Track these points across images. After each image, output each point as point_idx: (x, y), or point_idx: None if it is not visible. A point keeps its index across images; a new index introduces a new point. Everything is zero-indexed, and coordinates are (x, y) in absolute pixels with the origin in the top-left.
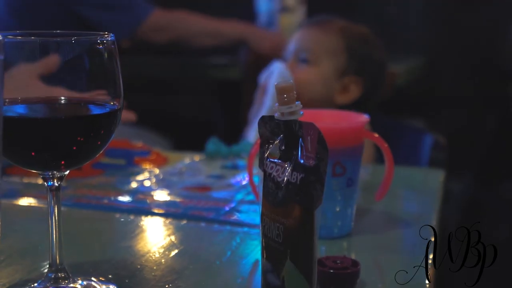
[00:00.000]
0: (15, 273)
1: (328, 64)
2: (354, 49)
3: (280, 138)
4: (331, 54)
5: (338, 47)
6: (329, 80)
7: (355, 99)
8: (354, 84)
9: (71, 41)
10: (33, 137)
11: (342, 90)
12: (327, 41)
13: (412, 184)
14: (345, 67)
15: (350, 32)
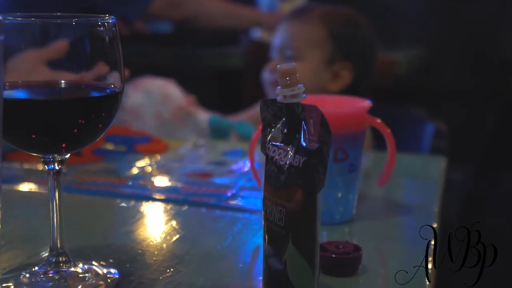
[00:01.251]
0: (15, 258)
1: (314, 56)
2: (338, 34)
3: (282, 121)
4: (314, 46)
5: (321, 36)
6: (318, 72)
7: (348, 84)
8: (345, 69)
9: (72, 23)
10: (33, 120)
11: (333, 77)
12: (308, 33)
13: (414, 171)
14: (332, 54)
15: (331, 17)
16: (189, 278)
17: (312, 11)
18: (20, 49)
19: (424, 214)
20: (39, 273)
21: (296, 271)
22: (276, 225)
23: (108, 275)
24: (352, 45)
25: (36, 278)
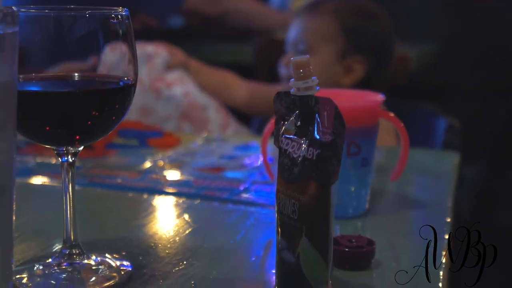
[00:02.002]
0: (29, 250)
1: (325, 51)
2: (349, 27)
3: (295, 114)
4: (326, 40)
5: (333, 30)
6: (330, 66)
7: (361, 78)
8: (358, 63)
9: (85, 15)
10: (47, 112)
11: (345, 71)
12: (319, 28)
13: (427, 166)
14: (344, 48)
15: (344, 10)
16: (202, 271)
17: (325, 4)
18: (34, 41)
19: (437, 209)
20: (53, 265)
21: (309, 264)
22: (289, 218)
23: (121, 267)
24: (364, 38)
25: (50, 270)
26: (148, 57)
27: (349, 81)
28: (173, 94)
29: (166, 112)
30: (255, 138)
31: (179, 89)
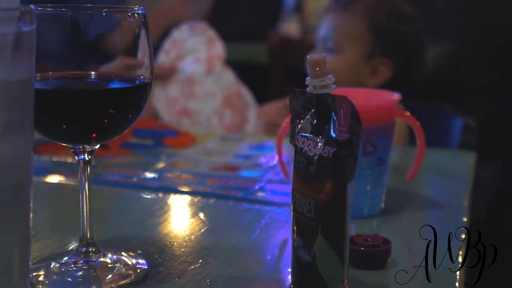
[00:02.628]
0: (45, 248)
1: (352, 50)
2: (380, 29)
3: (311, 112)
4: (355, 40)
5: (362, 30)
6: (356, 66)
7: (386, 80)
8: (384, 65)
9: (102, 14)
10: (64, 110)
11: (371, 73)
12: (349, 27)
13: (443, 166)
14: (371, 49)
15: (377, 10)
16: (217, 269)
17: (357, 3)
18: (51, 40)
19: (453, 209)
20: (69, 263)
21: (325, 263)
22: (305, 216)
23: (137, 265)
24: (394, 39)
25: (66, 267)
26: (210, 39)
27: (374, 82)
28: (226, 75)
29: (212, 89)
30: (270, 137)
31: (232, 75)
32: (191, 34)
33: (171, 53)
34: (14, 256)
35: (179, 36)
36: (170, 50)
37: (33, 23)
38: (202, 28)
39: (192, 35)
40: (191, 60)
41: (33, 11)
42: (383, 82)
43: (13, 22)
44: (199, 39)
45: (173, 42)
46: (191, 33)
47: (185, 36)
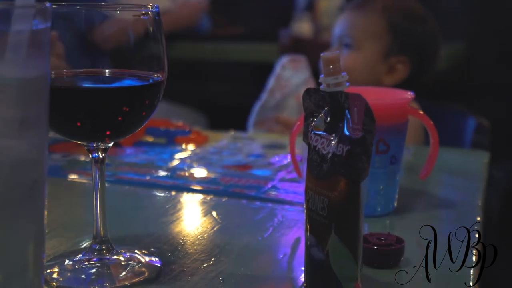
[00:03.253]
0: (59, 245)
1: (371, 47)
2: (397, 27)
3: (325, 110)
4: (373, 37)
5: (381, 28)
6: (374, 63)
7: (403, 78)
8: (401, 63)
9: (116, 12)
10: (79, 108)
11: (388, 71)
12: (368, 24)
13: (456, 165)
14: (389, 47)
15: (394, 9)
16: (230, 268)
17: (375, 2)
18: (65, 38)
19: (467, 208)
20: (83, 260)
21: (339, 261)
22: (318, 214)
23: (150, 263)
24: (411, 39)
25: (80, 265)
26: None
27: (391, 80)
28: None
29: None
30: (282, 137)
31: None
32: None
33: (276, 93)
34: (29, 253)
35: (283, 74)
36: (275, 90)
37: (48, 21)
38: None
39: (295, 74)
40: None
41: (48, 8)
42: (400, 81)
43: (28, 19)
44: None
45: (278, 81)
46: (294, 71)
47: (289, 75)
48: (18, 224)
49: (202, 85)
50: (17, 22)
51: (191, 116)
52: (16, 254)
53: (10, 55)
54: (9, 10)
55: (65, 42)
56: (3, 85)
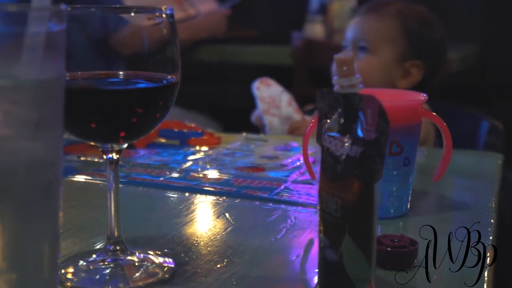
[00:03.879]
0: (74, 246)
1: (388, 51)
2: (412, 32)
3: (338, 112)
4: (390, 41)
5: (396, 32)
6: (390, 67)
7: (417, 82)
8: (415, 67)
9: (130, 15)
10: (93, 109)
11: (403, 74)
12: (385, 28)
13: (469, 167)
14: (405, 51)
15: (407, 14)
16: (243, 269)
17: (388, 7)
18: (80, 40)
19: (480, 210)
20: (97, 261)
21: (352, 263)
22: (332, 216)
23: (164, 264)
24: (425, 43)
25: (94, 265)
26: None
27: (406, 84)
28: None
29: None
30: (295, 138)
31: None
32: (269, 88)
33: (271, 110)
34: (44, 253)
35: (262, 94)
36: (269, 109)
37: (63, 23)
38: (270, 81)
39: (271, 89)
40: None
41: (63, 11)
42: (414, 84)
43: (44, 21)
44: (277, 90)
45: (264, 101)
46: (268, 88)
47: (267, 92)
48: (34, 224)
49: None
50: (33, 24)
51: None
52: (31, 254)
53: (26, 57)
54: (25, 12)
55: (80, 44)
56: (19, 87)
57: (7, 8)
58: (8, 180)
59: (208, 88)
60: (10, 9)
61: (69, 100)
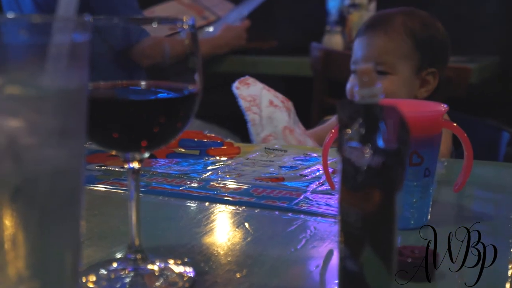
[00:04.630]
0: (95, 254)
1: (405, 67)
2: (422, 42)
3: (359, 122)
4: (404, 58)
5: (409, 48)
6: (409, 82)
7: (434, 88)
8: (431, 74)
9: (152, 26)
10: (115, 119)
11: (421, 84)
12: (397, 48)
13: (490, 178)
14: (419, 63)
15: (413, 25)
16: (263, 279)
17: (392, 21)
18: (102, 51)
19: (501, 221)
20: (118, 270)
21: (373, 273)
22: (352, 226)
23: (184, 273)
24: (434, 49)
25: (115, 274)
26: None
27: (425, 93)
28: None
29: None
30: (314, 149)
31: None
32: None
33: (253, 108)
34: (66, 261)
35: (243, 93)
36: (250, 107)
37: (87, 33)
38: (250, 79)
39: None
40: None
41: (87, 22)
42: (432, 91)
43: (68, 32)
44: (258, 88)
45: (244, 100)
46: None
47: (246, 91)
48: (56, 232)
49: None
50: (57, 34)
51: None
52: (53, 262)
53: (51, 66)
54: (50, 23)
55: (102, 55)
56: (43, 96)
57: (32, 18)
58: (32, 188)
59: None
60: (35, 20)
61: (92, 110)
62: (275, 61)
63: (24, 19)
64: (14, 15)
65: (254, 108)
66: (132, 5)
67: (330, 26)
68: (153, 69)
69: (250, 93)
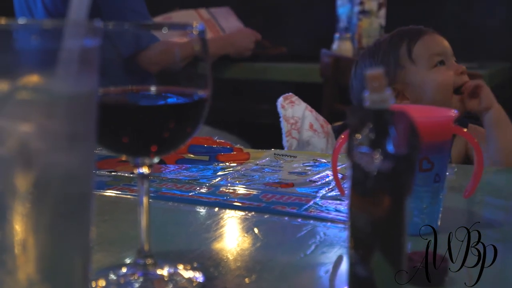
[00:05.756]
0: (104, 259)
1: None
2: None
3: (369, 127)
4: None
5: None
6: None
7: None
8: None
9: (162, 32)
10: (125, 124)
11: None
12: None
13: (500, 185)
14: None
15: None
16: (273, 284)
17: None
18: (113, 56)
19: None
20: (127, 275)
21: (383, 279)
22: (362, 232)
23: (193, 279)
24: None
25: (125, 279)
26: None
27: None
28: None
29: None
30: (323, 155)
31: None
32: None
33: (293, 132)
34: (77, 266)
35: (287, 113)
36: (291, 130)
37: (98, 38)
38: (294, 98)
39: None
40: None
41: (98, 27)
42: None
43: (79, 37)
44: (301, 108)
45: (287, 121)
46: (292, 106)
47: (291, 112)
48: (67, 237)
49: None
50: (68, 40)
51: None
52: (63, 266)
53: (61, 71)
54: (61, 28)
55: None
56: (55, 101)
57: (43, 24)
58: (42, 192)
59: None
60: (46, 25)
61: (102, 115)
62: (285, 68)
63: (35, 24)
64: (26, 21)
65: (294, 133)
66: (141, 11)
67: (340, 32)
68: (162, 74)
69: (294, 114)
